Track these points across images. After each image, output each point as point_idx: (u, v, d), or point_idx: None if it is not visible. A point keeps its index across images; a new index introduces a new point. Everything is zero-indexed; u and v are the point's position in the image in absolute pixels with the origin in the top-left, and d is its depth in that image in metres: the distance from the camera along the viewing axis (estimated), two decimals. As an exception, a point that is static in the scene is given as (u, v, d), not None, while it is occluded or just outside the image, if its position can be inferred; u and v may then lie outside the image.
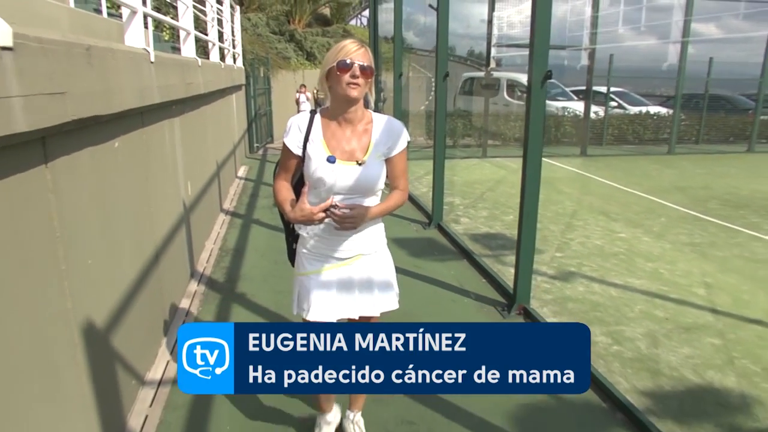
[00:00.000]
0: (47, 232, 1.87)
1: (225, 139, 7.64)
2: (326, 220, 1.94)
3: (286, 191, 2.09)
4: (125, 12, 3.10)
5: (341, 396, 2.52)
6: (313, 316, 2.07)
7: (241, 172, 9.46)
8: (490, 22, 11.56)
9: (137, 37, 3.03)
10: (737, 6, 14.10)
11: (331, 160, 1.96)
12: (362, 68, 1.90)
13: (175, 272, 3.88)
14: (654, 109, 14.19)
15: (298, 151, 2.03)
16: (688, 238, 5.81)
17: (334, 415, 2.49)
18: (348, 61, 1.88)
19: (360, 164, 1.98)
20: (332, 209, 1.90)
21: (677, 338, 3.59)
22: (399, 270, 4.61)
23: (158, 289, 3.36)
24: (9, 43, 1.46)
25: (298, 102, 14.35)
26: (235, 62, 9.43)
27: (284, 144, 2.07)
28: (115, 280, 2.59)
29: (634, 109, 14.49)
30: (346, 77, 1.89)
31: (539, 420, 2.71)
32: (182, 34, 4.74)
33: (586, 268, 4.87)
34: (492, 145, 11.85)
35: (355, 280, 2.10)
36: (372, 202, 2.07)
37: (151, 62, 3.06)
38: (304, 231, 2.08)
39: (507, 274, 4.37)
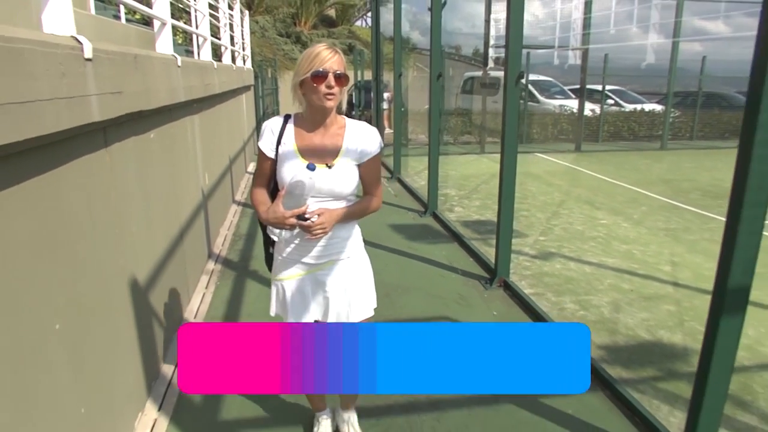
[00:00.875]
0: (107, 202, 2.40)
1: (236, 136, 8.18)
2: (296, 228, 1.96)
3: (261, 195, 2.12)
4: (156, 23, 3.62)
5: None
6: (291, 320, 2.15)
7: (251, 168, 9.99)
8: (487, 22, 12.04)
9: (167, 44, 3.56)
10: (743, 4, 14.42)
11: (311, 167, 1.90)
12: (337, 76, 1.88)
13: (195, 251, 4.41)
14: (649, 107, 14.63)
15: (271, 154, 2.05)
16: (664, 224, 6.29)
17: (328, 413, 2.59)
18: (322, 70, 1.86)
19: (329, 167, 1.98)
20: (303, 217, 1.91)
21: (637, 305, 4.09)
22: (396, 251, 5.16)
23: (182, 263, 3.88)
24: (90, 55, 1.98)
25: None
26: (244, 64, 9.96)
27: (259, 147, 2.10)
28: (151, 248, 3.11)
29: (630, 107, 14.94)
30: (322, 87, 1.87)
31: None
32: (200, 39, 5.26)
33: (565, 249, 5.36)
34: (490, 142, 12.33)
35: (327, 286, 2.11)
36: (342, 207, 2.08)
37: (178, 66, 3.58)
38: (275, 235, 2.10)
39: (492, 253, 4.86)
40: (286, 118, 2.09)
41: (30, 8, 3.50)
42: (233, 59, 8.20)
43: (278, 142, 2.04)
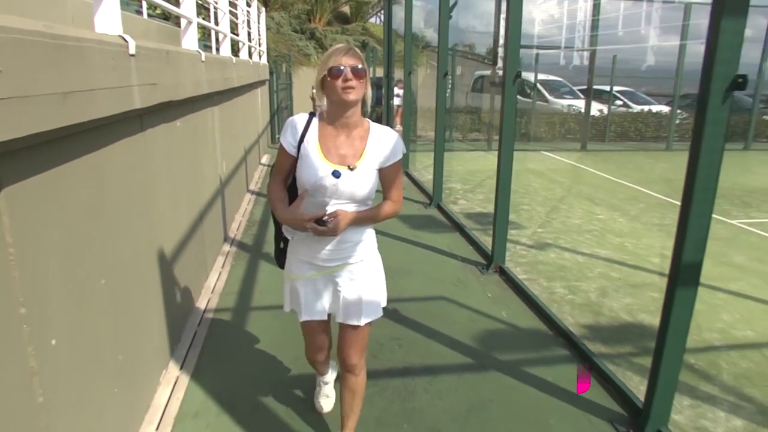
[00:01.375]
0: (140, 180, 2.73)
1: (251, 128, 8.53)
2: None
3: (279, 191, 2.13)
4: (183, 21, 3.95)
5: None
6: (305, 317, 2.21)
7: (264, 159, 10.35)
8: (497, 21, 12.30)
9: (192, 41, 3.89)
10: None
11: (336, 174, 1.95)
12: (354, 70, 1.92)
13: (213, 233, 4.75)
14: (656, 108, 14.81)
15: (293, 151, 2.05)
16: (659, 220, 6.56)
17: (330, 376, 2.74)
18: (339, 67, 1.91)
19: (351, 169, 1.98)
20: (322, 221, 1.92)
21: (623, 292, 4.38)
22: (400, 239, 5.48)
23: (201, 242, 4.22)
24: (133, 51, 2.31)
25: (313, 99, 15.20)
26: (260, 59, 10.30)
27: (280, 143, 2.11)
28: (175, 225, 3.45)
29: (638, 108, 15.13)
30: (339, 82, 1.91)
31: (499, 340, 3.52)
32: (220, 36, 5.59)
33: (561, 240, 5.65)
34: (497, 140, 12.60)
35: (340, 289, 2.14)
36: (361, 210, 2.08)
37: (202, 61, 3.91)
38: (289, 234, 2.10)
39: (490, 242, 5.16)
40: (311, 115, 2.09)
41: (66, 8, 3.87)
42: (250, 54, 8.53)
43: (301, 140, 2.04)
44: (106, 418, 2.18)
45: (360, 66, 1.93)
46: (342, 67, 1.90)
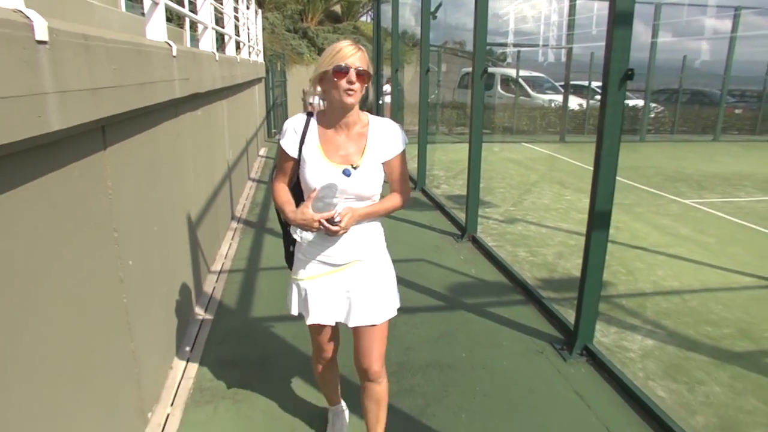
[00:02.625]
0: (174, 158, 3.44)
1: (251, 121, 9.23)
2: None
3: (284, 194, 2.09)
4: (200, 27, 4.66)
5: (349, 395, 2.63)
6: (312, 320, 2.10)
7: (262, 151, 11.04)
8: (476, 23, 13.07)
9: (209, 43, 4.60)
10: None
11: (346, 173, 1.93)
12: (359, 73, 1.86)
13: (223, 209, 5.46)
14: (633, 102, 15.61)
15: (294, 154, 2.01)
16: (619, 200, 7.28)
17: (343, 406, 2.61)
18: (344, 66, 1.85)
19: (355, 168, 1.95)
20: (332, 221, 1.91)
21: (577, 255, 5.11)
22: (388, 217, 6.18)
23: (215, 217, 4.93)
24: (175, 53, 3.02)
25: (304, 99, 15.86)
26: (258, 58, 10.99)
27: (280, 146, 2.06)
28: (197, 198, 4.15)
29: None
30: (343, 83, 1.85)
31: (467, 289, 4.26)
32: (226, 37, 6.30)
33: (529, 217, 6.40)
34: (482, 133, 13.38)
35: (350, 288, 2.06)
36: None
37: (216, 60, 4.62)
38: (297, 235, 2.03)
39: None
40: (309, 116, 2.04)
41: (124, 21, 4.58)
42: (249, 54, 9.23)
43: (301, 142, 2.00)
44: (157, 308, 2.91)
45: (364, 69, 1.88)
46: (349, 68, 1.85)
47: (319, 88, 1.96)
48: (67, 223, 1.78)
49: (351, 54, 1.86)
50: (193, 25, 5.46)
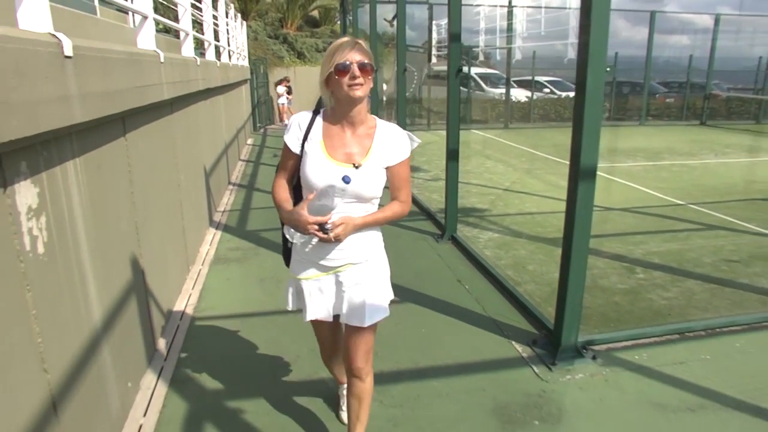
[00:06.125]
0: (192, 135, 5.50)
1: (240, 115, 11.31)
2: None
3: (283, 192, 2.08)
4: (206, 43, 6.74)
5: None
6: (310, 316, 2.13)
7: (249, 141, 13.13)
8: (429, 26, 15.42)
9: (212, 54, 6.68)
10: None
11: (346, 180, 1.89)
12: (361, 66, 1.84)
13: (222, 174, 7.53)
14: (573, 93, 17.82)
15: (296, 149, 1.99)
16: (528, 167, 9.48)
17: None
18: (346, 63, 1.83)
19: (357, 167, 1.90)
20: (324, 227, 1.89)
21: (468, 196, 7.25)
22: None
23: (218, 179, 6.98)
24: (163, 60, 5.07)
25: (280, 93, 17.16)
26: (244, 62, 13.06)
27: (284, 141, 2.03)
28: (206, 163, 6.22)
29: (563, 94, 18.17)
30: (346, 79, 1.83)
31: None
32: (221, 48, 8.38)
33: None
34: (436, 122, 15.72)
35: (345, 287, 2.06)
36: (367, 209, 2.00)
37: (218, 66, 6.69)
38: (290, 236, 2.03)
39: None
40: (315, 113, 2.03)
41: (109, 32, 6.56)
42: (237, 59, 11.30)
43: (305, 138, 1.98)
44: (171, 271, 4.99)
45: (367, 61, 1.86)
46: (349, 63, 1.84)
47: (328, 92, 1.94)
48: (157, 158, 3.87)
49: (348, 49, 1.86)
50: (200, 43, 7.55)
